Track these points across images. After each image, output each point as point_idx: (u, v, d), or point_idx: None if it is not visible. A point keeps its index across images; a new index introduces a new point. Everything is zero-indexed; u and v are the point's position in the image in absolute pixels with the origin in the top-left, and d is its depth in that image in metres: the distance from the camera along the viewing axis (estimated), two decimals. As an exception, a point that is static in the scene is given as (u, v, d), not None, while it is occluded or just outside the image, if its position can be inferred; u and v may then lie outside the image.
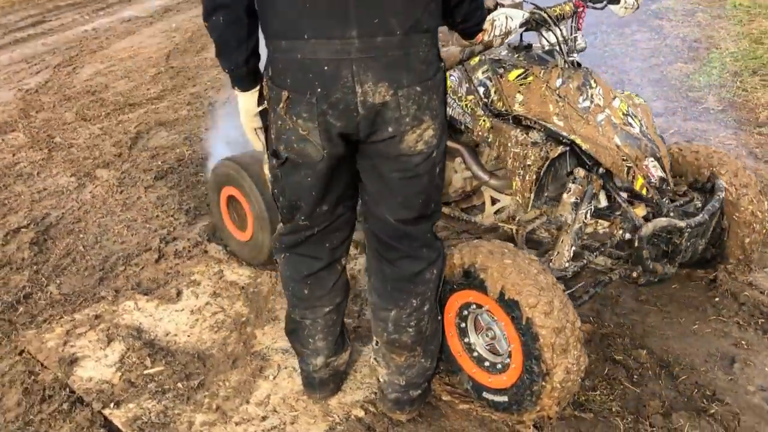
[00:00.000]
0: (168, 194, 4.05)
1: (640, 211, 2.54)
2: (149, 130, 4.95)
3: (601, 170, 2.49)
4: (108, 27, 8.48)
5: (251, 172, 3.07)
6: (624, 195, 2.57)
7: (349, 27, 1.72)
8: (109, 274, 3.33)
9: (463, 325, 2.38)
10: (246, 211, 3.19)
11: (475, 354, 2.38)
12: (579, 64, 2.57)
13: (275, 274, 3.22)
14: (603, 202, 2.62)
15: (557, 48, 2.53)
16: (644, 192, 2.46)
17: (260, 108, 1.98)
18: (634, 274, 2.54)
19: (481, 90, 2.68)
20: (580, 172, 2.46)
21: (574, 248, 2.44)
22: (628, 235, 2.51)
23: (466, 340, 2.39)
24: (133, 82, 6.13)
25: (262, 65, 1.95)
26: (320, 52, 1.73)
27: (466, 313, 2.35)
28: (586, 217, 2.45)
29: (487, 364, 2.35)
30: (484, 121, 2.65)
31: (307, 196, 1.97)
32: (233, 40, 1.83)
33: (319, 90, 1.76)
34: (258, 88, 1.95)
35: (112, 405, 2.50)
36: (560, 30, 2.51)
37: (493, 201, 2.88)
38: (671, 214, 2.52)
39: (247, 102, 1.96)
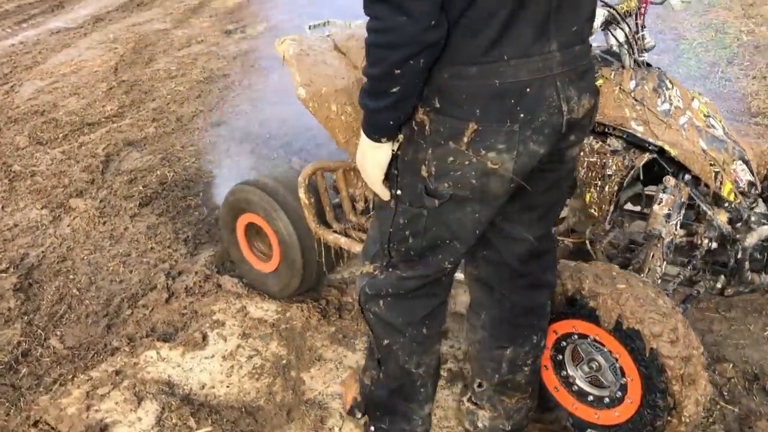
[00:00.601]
0: (158, 223, 3.68)
1: (722, 217, 2.38)
2: (119, 151, 4.52)
3: (687, 177, 2.32)
4: (37, 40, 7.86)
5: (279, 198, 2.77)
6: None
7: (548, 40, 1.47)
8: (116, 319, 2.96)
9: (559, 357, 2.16)
10: (271, 240, 2.88)
11: (575, 388, 2.16)
12: (649, 64, 2.40)
13: (306, 307, 2.93)
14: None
15: (625, 47, 2.35)
16: (732, 198, 2.31)
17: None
18: (719, 285, 2.39)
19: (540, 96, 2.47)
20: (671, 181, 2.28)
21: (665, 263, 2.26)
22: (714, 245, 2.35)
23: (564, 373, 2.18)
24: (85, 99, 5.65)
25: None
26: (521, 73, 1.46)
27: (564, 344, 2.14)
28: (675, 229, 2.28)
29: (591, 398, 2.14)
30: (544, 129, 2.44)
31: (467, 235, 1.68)
32: (419, 84, 1.49)
33: (521, 116, 1.49)
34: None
35: (163, 479, 2.17)
36: (629, 27, 2.33)
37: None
38: (752, 218, 2.37)
39: (386, 151, 1.63)
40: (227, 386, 2.54)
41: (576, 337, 2.09)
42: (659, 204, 2.26)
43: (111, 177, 4.19)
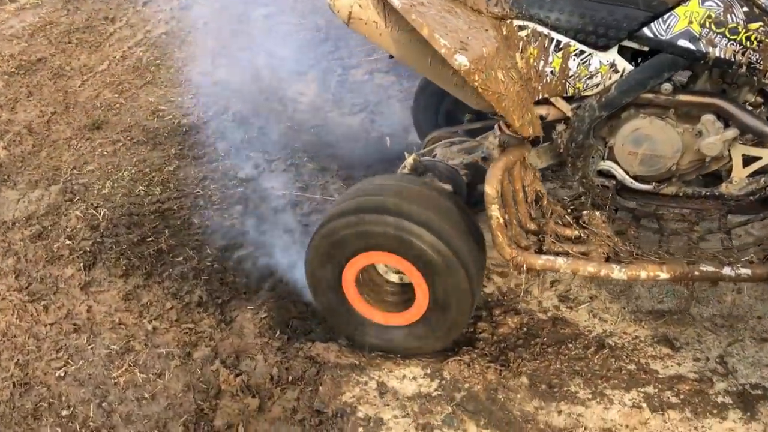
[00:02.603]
0: (133, 288, 2.50)
1: None
2: (-18, 195, 3.09)
3: None
4: None
5: (437, 230, 1.88)
6: None
7: None
8: (203, 462, 1.91)
9: None
10: (415, 282, 1.99)
11: None
12: None
13: (464, 359, 2.13)
14: None
15: None
16: None
17: None
18: None
19: (776, 14, 1.88)
20: None
21: None
22: None
23: None
24: None
25: None
26: None
27: None
28: None
29: None
30: (785, 57, 1.86)
31: None
32: None
33: None
34: None
35: None
36: None
37: (747, 161, 2.14)
38: None
39: None
40: None
41: None
42: None
43: (6, 238, 2.82)
